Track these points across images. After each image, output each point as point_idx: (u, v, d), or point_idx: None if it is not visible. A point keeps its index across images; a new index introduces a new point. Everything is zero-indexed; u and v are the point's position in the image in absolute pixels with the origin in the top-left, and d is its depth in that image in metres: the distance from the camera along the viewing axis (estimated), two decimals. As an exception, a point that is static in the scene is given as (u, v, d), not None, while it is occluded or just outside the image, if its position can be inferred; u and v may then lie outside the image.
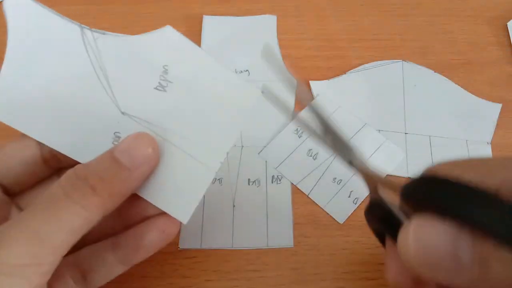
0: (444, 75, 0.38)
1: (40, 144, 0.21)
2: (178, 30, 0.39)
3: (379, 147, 0.34)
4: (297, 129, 0.34)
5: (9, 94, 0.21)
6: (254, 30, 0.40)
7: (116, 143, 0.22)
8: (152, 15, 0.41)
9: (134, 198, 0.21)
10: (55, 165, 0.23)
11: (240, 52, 0.38)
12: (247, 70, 0.37)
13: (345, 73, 0.37)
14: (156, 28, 0.40)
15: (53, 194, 0.18)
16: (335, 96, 0.36)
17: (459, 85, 0.37)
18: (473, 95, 0.37)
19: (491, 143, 0.34)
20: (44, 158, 0.22)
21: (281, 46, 0.39)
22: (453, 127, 0.35)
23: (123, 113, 0.22)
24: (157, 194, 0.21)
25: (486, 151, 0.34)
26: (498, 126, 0.35)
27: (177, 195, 0.21)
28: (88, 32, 0.22)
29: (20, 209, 0.23)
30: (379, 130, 0.35)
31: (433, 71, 0.38)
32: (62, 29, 0.22)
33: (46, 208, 0.17)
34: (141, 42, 0.22)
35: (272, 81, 0.36)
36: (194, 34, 0.39)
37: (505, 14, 0.42)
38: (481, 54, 0.39)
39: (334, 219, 0.31)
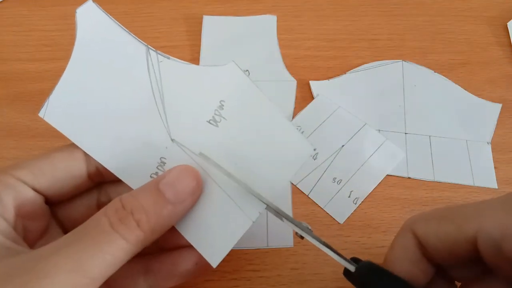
0: (444, 75, 0.38)
1: (87, 157, 0.21)
2: (178, 30, 0.40)
3: (379, 147, 0.34)
4: (298, 128, 0.34)
5: (65, 102, 0.21)
6: (254, 30, 0.40)
7: (160, 168, 0.21)
8: (152, 15, 0.41)
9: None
10: (97, 179, 0.22)
11: (240, 52, 0.38)
12: (247, 70, 0.37)
13: (345, 73, 0.37)
14: (156, 28, 0.40)
15: (99, 224, 0.18)
16: (335, 96, 0.36)
17: (459, 85, 0.37)
18: (473, 95, 0.37)
19: (491, 143, 0.35)
20: (89, 172, 0.22)
21: (281, 46, 0.39)
22: (453, 127, 0.35)
23: (172, 140, 0.22)
24: (192, 231, 0.21)
25: (486, 151, 0.34)
26: (498, 126, 0.35)
27: (211, 237, 0.21)
28: (153, 54, 0.22)
29: (58, 219, 0.23)
30: (379, 130, 0.35)
31: (433, 71, 0.38)
32: (129, 46, 0.22)
33: (91, 238, 0.17)
34: (203, 73, 0.22)
35: (272, 81, 0.37)
36: (194, 34, 0.39)
37: (505, 14, 0.42)
38: (481, 54, 0.39)
39: (334, 219, 0.31)
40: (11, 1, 0.41)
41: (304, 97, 0.36)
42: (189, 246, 0.21)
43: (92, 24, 0.21)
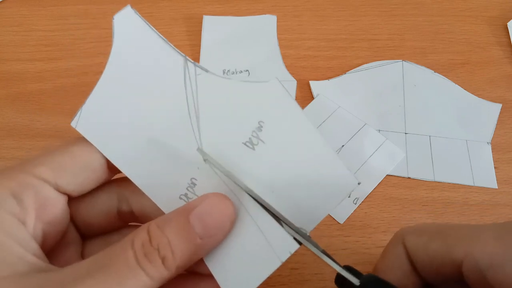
0: (444, 75, 0.38)
1: None
2: (178, 30, 0.40)
3: (379, 147, 0.34)
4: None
5: (98, 112, 0.21)
6: (254, 30, 0.40)
7: (190, 189, 0.20)
8: (152, 15, 0.41)
9: None
10: (116, 170, 0.21)
11: (240, 52, 0.38)
12: (247, 70, 0.37)
13: (345, 73, 0.37)
14: (156, 28, 0.40)
15: (125, 256, 0.17)
16: (335, 96, 0.36)
17: (459, 85, 0.37)
18: (473, 95, 0.37)
19: (491, 143, 0.34)
20: (108, 165, 0.21)
21: (281, 46, 0.39)
22: (453, 127, 0.35)
23: (205, 160, 0.20)
24: (217, 263, 0.19)
25: (486, 151, 0.34)
26: (498, 126, 0.35)
27: (236, 273, 0.19)
28: (191, 66, 0.21)
29: (76, 224, 0.22)
30: (379, 130, 0.35)
31: (433, 71, 0.38)
32: (166, 57, 0.21)
33: (116, 271, 0.16)
34: (243, 89, 0.20)
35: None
36: (194, 34, 0.39)
37: (505, 14, 0.42)
38: (481, 54, 0.39)
39: (334, 219, 0.31)
40: (11, 1, 0.41)
41: (304, 97, 0.36)
42: (207, 275, 0.20)
43: (130, 31, 0.20)
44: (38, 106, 0.35)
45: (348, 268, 0.19)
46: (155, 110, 0.21)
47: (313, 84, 0.36)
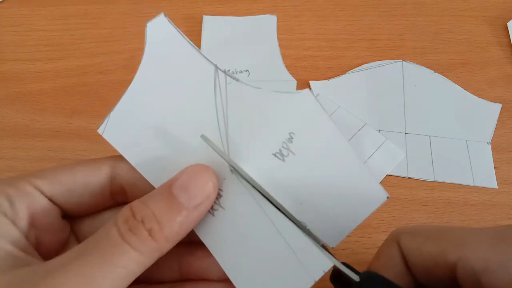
0: (444, 75, 0.38)
1: (113, 175, 0.20)
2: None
3: (379, 147, 0.34)
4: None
5: (126, 119, 0.21)
6: (254, 30, 0.40)
7: (216, 201, 0.20)
8: (152, 15, 0.40)
9: (200, 255, 0.21)
10: (121, 199, 0.22)
11: (240, 52, 0.38)
12: (247, 70, 0.37)
13: (345, 73, 0.37)
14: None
15: (108, 235, 0.17)
16: (335, 96, 0.36)
17: (459, 85, 0.37)
18: (473, 95, 0.37)
19: (491, 143, 0.34)
20: (112, 191, 0.21)
21: (281, 46, 0.39)
22: (453, 127, 0.35)
23: (232, 171, 0.19)
24: (245, 283, 0.19)
25: (486, 151, 0.34)
26: (498, 126, 0.35)
27: None
28: (221, 75, 0.20)
29: (77, 234, 0.22)
30: (379, 130, 0.35)
31: (433, 71, 0.38)
32: (197, 65, 0.20)
33: (100, 251, 0.16)
34: (273, 100, 0.20)
35: (272, 81, 0.37)
36: (194, 34, 0.39)
37: (505, 14, 0.42)
38: (481, 54, 0.39)
39: (334, 219, 0.31)
40: (11, 1, 0.41)
41: (304, 97, 0.36)
42: (219, 280, 0.20)
43: (162, 39, 0.20)
44: (38, 106, 0.35)
45: (344, 265, 0.19)
46: (184, 119, 0.20)
47: (313, 84, 0.36)
